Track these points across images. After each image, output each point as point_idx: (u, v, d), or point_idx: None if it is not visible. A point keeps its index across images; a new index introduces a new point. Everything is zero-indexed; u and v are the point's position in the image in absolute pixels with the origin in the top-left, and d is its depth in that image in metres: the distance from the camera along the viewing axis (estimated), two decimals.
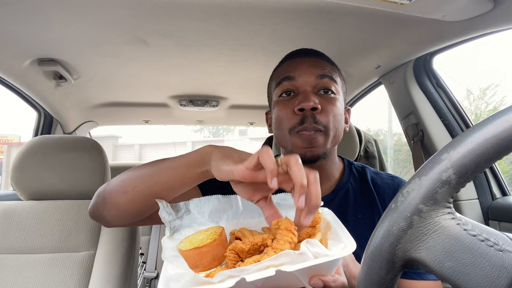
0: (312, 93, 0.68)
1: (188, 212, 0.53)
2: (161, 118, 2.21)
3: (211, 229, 0.48)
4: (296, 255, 0.38)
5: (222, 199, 0.55)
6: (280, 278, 0.38)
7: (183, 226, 0.52)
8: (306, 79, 0.68)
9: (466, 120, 1.14)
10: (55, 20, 0.91)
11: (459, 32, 0.88)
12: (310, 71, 0.69)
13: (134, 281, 1.02)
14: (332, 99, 0.69)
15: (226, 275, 0.36)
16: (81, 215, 1.03)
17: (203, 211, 0.53)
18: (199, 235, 0.47)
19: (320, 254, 0.39)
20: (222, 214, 0.54)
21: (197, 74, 1.42)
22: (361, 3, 0.74)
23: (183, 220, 0.52)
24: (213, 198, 0.54)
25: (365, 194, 0.74)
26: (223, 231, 0.47)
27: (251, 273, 0.37)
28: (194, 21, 0.93)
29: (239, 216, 0.54)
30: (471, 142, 0.27)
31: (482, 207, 1.09)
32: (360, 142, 1.33)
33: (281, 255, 0.38)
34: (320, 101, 0.67)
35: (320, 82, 0.68)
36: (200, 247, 0.43)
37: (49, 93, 1.46)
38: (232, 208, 0.55)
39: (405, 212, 0.28)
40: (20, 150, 1.06)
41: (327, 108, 0.67)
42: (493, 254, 0.25)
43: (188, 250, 0.43)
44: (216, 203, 0.54)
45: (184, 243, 0.45)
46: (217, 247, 0.45)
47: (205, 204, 0.54)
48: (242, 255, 0.44)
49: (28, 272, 0.94)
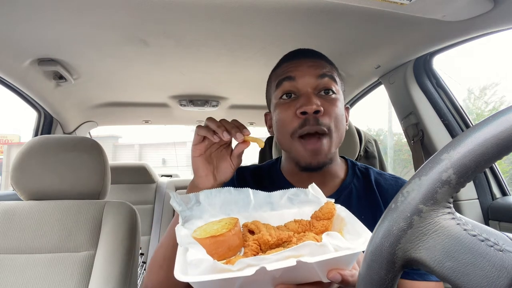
0: (314, 95, 0.67)
1: (198, 203, 0.53)
2: (161, 118, 2.21)
3: (225, 220, 0.48)
4: (317, 247, 0.38)
5: (234, 192, 0.55)
6: (299, 269, 0.37)
7: (194, 216, 0.52)
8: (307, 80, 0.68)
9: (466, 120, 1.14)
10: (55, 20, 0.91)
11: (459, 32, 0.88)
12: (310, 72, 0.68)
13: (134, 281, 1.02)
14: (334, 99, 0.69)
15: (246, 263, 0.36)
16: (81, 215, 1.03)
17: (214, 203, 0.53)
18: (213, 225, 0.47)
19: (341, 247, 0.39)
20: (233, 207, 0.54)
21: (197, 74, 1.42)
22: (361, 3, 0.74)
23: (193, 211, 0.52)
24: (224, 190, 0.55)
25: (368, 194, 0.74)
26: (237, 222, 0.47)
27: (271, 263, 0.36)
28: (194, 21, 0.93)
29: (251, 209, 0.54)
30: (471, 142, 0.27)
31: (482, 207, 1.09)
32: (360, 142, 1.33)
33: (302, 246, 0.38)
34: (322, 102, 0.66)
35: (321, 82, 0.68)
36: (217, 236, 0.43)
37: (49, 93, 1.46)
38: (243, 200, 0.55)
39: (405, 212, 0.28)
40: (20, 150, 1.06)
41: (329, 110, 0.67)
42: (493, 254, 0.25)
43: (205, 238, 0.43)
44: (227, 195, 0.54)
45: (198, 232, 0.45)
46: (232, 237, 0.44)
47: (216, 196, 0.54)
48: (264, 247, 0.44)
49: (28, 272, 0.94)
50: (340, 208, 0.51)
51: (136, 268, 1.05)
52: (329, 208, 0.50)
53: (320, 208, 0.51)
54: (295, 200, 0.55)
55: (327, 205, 0.51)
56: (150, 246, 2.17)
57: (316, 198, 0.55)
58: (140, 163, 2.43)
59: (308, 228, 0.49)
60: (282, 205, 0.55)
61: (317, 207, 0.52)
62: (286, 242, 0.45)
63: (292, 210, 0.55)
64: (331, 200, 0.52)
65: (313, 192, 0.56)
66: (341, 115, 0.69)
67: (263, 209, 0.55)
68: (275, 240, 0.44)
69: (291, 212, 0.55)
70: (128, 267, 0.98)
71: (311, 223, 0.50)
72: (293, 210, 0.55)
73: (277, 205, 0.55)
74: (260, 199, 0.55)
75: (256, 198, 0.55)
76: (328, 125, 0.66)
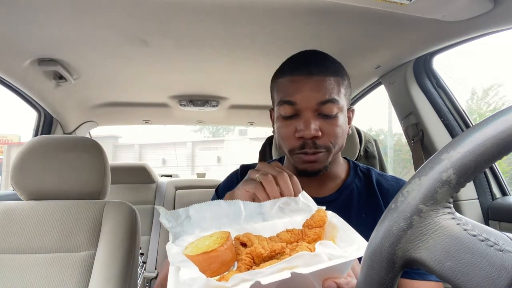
0: (313, 118, 0.66)
1: (189, 218, 0.52)
2: (161, 118, 2.21)
3: (217, 234, 0.47)
4: (311, 257, 0.38)
5: (224, 204, 0.54)
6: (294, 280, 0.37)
7: (185, 232, 0.51)
8: (307, 105, 0.66)
9: (466, 120, 1.14)
10: (55, 20, 0.91)
11: (459, 32, 0.88)
12: (312, 96, 0.66)
13: (134, 281, 1.02)
14: (334, 119, 0.67)
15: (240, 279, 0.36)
16: (81, 215, 1.03)
17: (205, 216, 0.52)
18: (205, 240, 0.46)
19: (335, 255, 0.39)
20: (224, 219, 0.53)
21: (197, 74, 1.42)
22: (361, 3, 0.74)
23: (184, 227, 0.51)
24: (214, 203, 0.54)
25: (369, 195, 0.74)
26: (229, 236, 0.46)
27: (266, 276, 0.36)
28: (194, 21, 0.93)
29: (242, 220, 0.53)
30: (471, 142, 0.27)
31: (482, 207, 1.09)
32: (360, 142, 1.33)
33: (295, 257, 0.38)
34: (321, 123, 0.66)
35: (321, 108, 0.66)
36: (209, 252, 0.42)
37: (49, 93, 1.46)
38: (234, 213, 0.54)
39: (405, 212, 0.28)
40: (20, 150, 1.06)
41: (329, 131, 0.67)
42: (493, 254, 0.25)
43: (197, 255, 0.42)
44: (217, 208, 0.53)
45: (190, 249, 0.45)
46: (225, 252, 0.43)
47: (206, 209, 0.53)
48: (257, 260, 0.44)
49: (28, 272, 0.94)
50: (331, 214, 0.51)
51: (136, 268, 1.05)
52: (320, 216, 0.49)
53: (311, 216, 0.50)
54: (286, 209, 0.54)
55: (318, 213, 0.50)
56: (150, 246, 2.17)
57: (307, 206, 0.54)
58: (140, 163, 2.43)
59: (301, 237, 0.49)
60: (274, 215, 0.54)
61: (309, 215, 0.51)
62: (279, 253, 0.44)
63: (283, 219, 0.54)
64: (322, 208, 0.52)
65: (304, 200, 0.55)
66: (341, 132, 0.69)
67: (254, 220, 0.54)
68: (268, 252, 0.43)
69: (282, 221, 0.54)
70: (128, 267, 0.98)
71: (304, 232, 0.49)
72: (285, 220, 0.54)
73: (268, 215, 0.54)
74: (250, 210, 0.54)
75: (247, 209, 0.54)
76: (326, 146, 0.67)
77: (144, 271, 1.98)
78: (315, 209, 0.52)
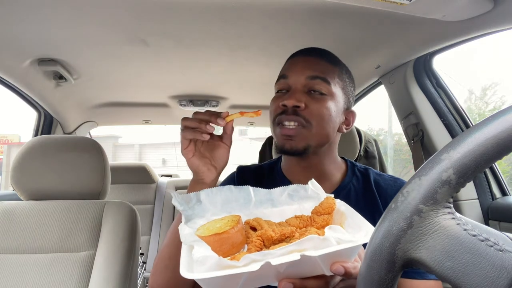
0: (300, 92, 0.69)
1: (200, 202, 0.54)
2: (161, 118, 2.21)
3: (228, 217, 0.49)
4: (320, 241, 0.39)
5: (234, 190, 0.55)
6: (303, 263, 0.38)
7: (196, 215, 0.52)
8: (297, 79, 0.71)
9: (466, 120, 1.14)
10: (55, 20, 0.91)
11: (459, 32, 0.88)
12: (302, 71, 0.71)
13: (134, 281, 1.02)
14: (320, 98, 0.70)
15: (250, 259, 0.37)
16: (81, 215, 1.03)
17: (215, 201, 0.54)
18: (216, 223, 0.47)
19: (343, 240, 0.40)
20: (234, 204, 0.54)
21: (197, 74, 1.42)
22: (361, 3, 0.74)
23: (195, 210, 0.53)
24: (225, 188, 0.55)
25: (367, 195, 0.74)
26: (240, 219, 0.48)
27: (276, 257, 0.37)
28: (194, 21, 0.93)
29: (252, 206, 0.55)
30: (471, 142, 0.27)
31: (482, 207, 1.09)
32: (360, 142, 1.33)
33: (305, 240, 0.38)
34: (307, 99, 0.69)
35: (310, 83, 0.70)
36: (220, 234, 0.44)
37: (49, 93, 1.46)
38: (244, 198, 0.55)
39: (405, 212, 0.28)
40: (20, 150, 1.06)
41: (313, 107, 0.68)
42: (493, 254, 0.25)
43: (208, 236, 0.44)
44: (228, 193, 0.55)
45: (201, 230, 0.46)
46: (236, 234, 0.45)
47: (217, 194, 0.55)
48: (267, 243, 0.45)
49: (28, 272, 0.94)
50: (339, 202, 0.52)
51: (136, 268, 1.05)
52: (329, 203, 0.51)
53: (320, 203, 0.52)
54: (295, 196, 0.56)
55: (327, 200, 0.51)
56: (150, 246, 2.17)
57: (315, 194, 0.56)
58: (140, 163, 2.43)
59: (309, 223, 0.50)
60: (283, 202, 0.56)
61: (317, 202, 0.53)
62: (289, 237, 0.45)
63: (292, 206, 0.56)
64: (330, 195, 0.53)
65: (313, 187, 0.56)
66: (327, 115, 0.69)
67: (264, 206, 0.55)
68: (278, 235, 0.45)
69: (291, 208, 0.55)
70: (128, 267, 0.98)
71: (312, 218, 0.50)
72: (294, 206, 0.56)
73: (278, 201, 0.56)
74: (260, 196, 0.56)
75: (257, 195, 0.56)
76: (307, 118, 0.68)
77: (144, 271, 1.98)
78: (323, 197, 0.53)
